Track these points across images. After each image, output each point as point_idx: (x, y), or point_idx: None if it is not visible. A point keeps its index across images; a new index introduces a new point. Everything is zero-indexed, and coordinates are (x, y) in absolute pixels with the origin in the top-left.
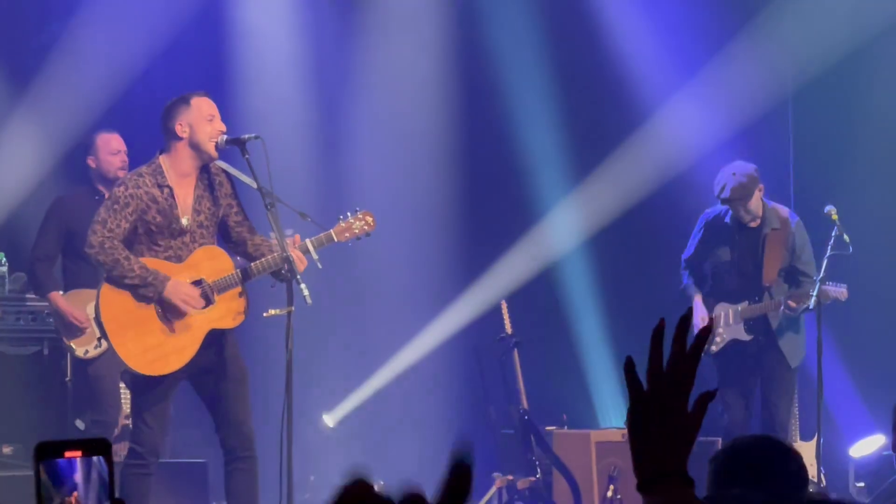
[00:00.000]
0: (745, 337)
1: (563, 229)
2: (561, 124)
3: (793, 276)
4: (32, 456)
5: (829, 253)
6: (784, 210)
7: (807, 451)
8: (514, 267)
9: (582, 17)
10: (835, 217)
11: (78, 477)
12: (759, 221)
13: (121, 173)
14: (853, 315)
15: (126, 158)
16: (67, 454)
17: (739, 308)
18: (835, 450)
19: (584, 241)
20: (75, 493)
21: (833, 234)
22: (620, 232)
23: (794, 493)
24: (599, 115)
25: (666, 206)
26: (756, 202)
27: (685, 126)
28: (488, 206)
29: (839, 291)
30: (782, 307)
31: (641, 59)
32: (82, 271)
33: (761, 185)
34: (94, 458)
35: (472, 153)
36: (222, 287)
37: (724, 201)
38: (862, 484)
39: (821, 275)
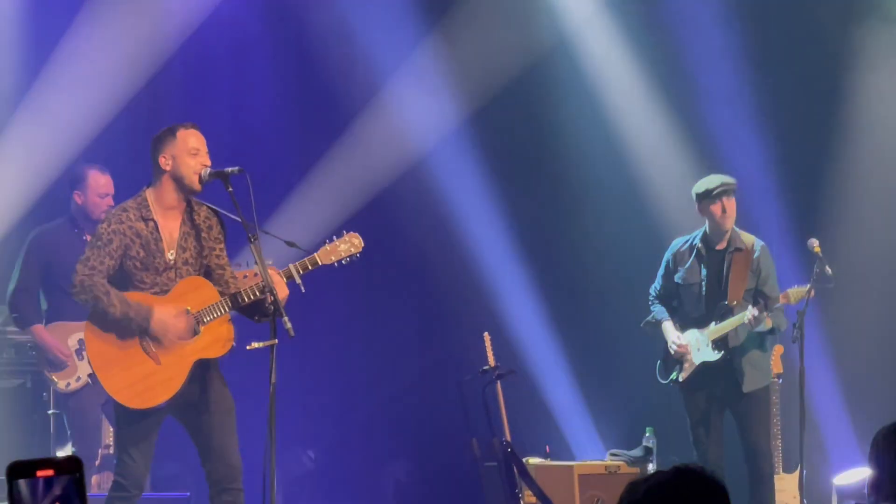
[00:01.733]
0: (714, 356)
1: (541, 262)
2: (545, 148)
3: (758, 301)
4: (6, 476)
5: (811, 286)
6: (750, 235)
7: (789, 483)
8: (496, 298)
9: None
10: (817, 250)
11: (51, 496)
12: (724, 243)
13: (104, 215)
14: (848, 344)
15: (112, 203)
16: (39, 473)
17: (707, 331)
18: (821, 477)
19: (562, 275)
20: None
21: (815, 266)
22: (598, 265)
23: None
24: (576, 143)
25: (640, 241)
26: (731, 208)
27: (658, 159)
28: (471, 235)
29: (801, 289)
30: (746, 319)
31: (612, 95)
32: (63, 304)
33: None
34: (66, 477)
35: (453, 183)
36: (208, 316)
37: (706, 194)
38: None
39: (804, 307)
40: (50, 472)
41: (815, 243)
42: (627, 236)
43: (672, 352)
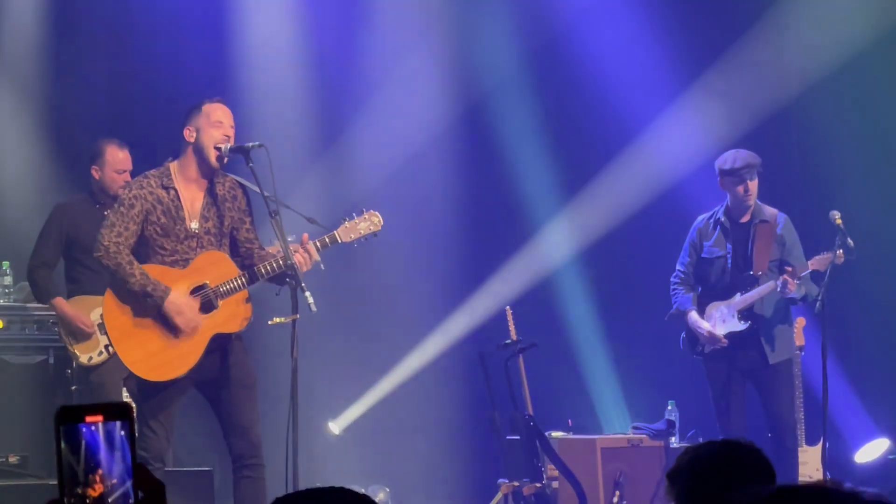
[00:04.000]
0: (741, 326)
1: (565, 235)
2: (563, 128)
3: (780, 269)
4: (53, 421)
5: (833, 259)
6: (773, 209)
7: (812, 455)
8: (519, 272)
9: (574, 29)
10: (839, 222)
11: (99, 443)
12: (749, 216)
13: (121, 192)
14: (854, 320)
15: (130, 178)
16: (88, 419)
17: (732, 302)
18: (838, 455)
19: (585, 248)
20: (99, 471)
21: (837, 239)
22: (621, 239)
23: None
24: (600, 121)
25: (664, 214)
26: (754, 188)
27: (684, 135)
28: (493, 209)
29: (828, 256)
30: (777, 285)
31: (639, 68)
32: (84, 278)
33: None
34: (115, 423)
35: (477, 157)
36: (226, 292)
37: (731, 172)
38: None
39: (825, 280)
40: (99, 418)
41: (836, 215)
42: (654, 209)
43: (702, 338)
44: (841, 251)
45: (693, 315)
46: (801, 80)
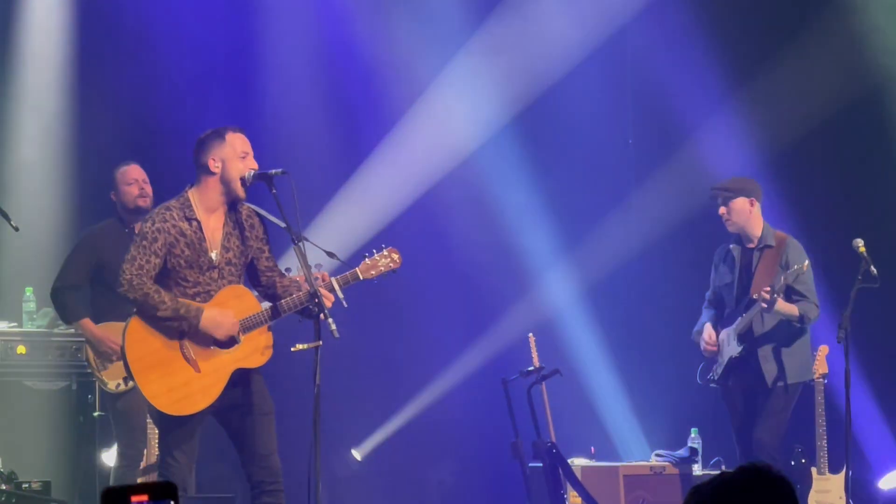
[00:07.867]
0: (737, 350)
1: (588, 261)
2: (588, 150)
3: (786, 295)
4: (100, 502)
5: (857, 286)
6: (782, 233)
7: (835, 483)
8: (541, 298)
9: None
10: (862, 250)
11: None
12: (756, 242)
13: (140, 201)
14: (884, 346)
15: (145, 187)
16: (134, 499)
17: (735, 327)
18: (863, 482)
19: (607, 275)
20: None
21: (861, 267)
22: (644, 265)
23: None
24: (626, 144)
25: (685, 240)
26: (728, 213)
27: (711, 158)
28: (516, 235)
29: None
30: (758, 301)
31: (668, 90)
32: (112, 304)
33: (755, 200)
34: (160, 503)
35: (499, 182)
36: (248, 326)
37: (716, 189)
38: None
39: (849, 309)
40: (144, 498)
41: (860, 244)
42: (673, 237)
43: (701, 349)
44: (856, 288)
45: (707, 327)
46: (830, 102)
